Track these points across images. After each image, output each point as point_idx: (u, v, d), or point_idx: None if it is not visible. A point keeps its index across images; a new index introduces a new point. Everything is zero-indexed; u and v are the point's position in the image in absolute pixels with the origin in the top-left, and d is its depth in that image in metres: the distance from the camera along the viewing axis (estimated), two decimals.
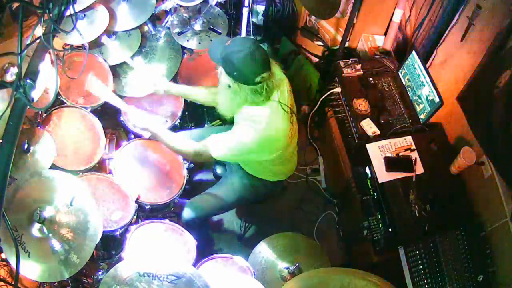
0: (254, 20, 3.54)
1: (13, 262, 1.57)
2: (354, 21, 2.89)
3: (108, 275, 1.75)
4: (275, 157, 2.06)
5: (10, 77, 1.74)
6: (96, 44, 2.45)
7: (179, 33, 2.58)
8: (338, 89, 2.82)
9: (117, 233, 2.12)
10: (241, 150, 1.98)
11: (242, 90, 1.87)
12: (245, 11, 3.16)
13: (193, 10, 2.67)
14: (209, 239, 2.80)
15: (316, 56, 3.42)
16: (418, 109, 2.60)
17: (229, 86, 1.90)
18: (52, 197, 1.79)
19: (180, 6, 2.62)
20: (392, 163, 2.37)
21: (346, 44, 2.95)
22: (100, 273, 2.06)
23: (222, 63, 1.87)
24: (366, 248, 2.48)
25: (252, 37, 1.94)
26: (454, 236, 2.24)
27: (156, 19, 2.76)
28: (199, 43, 2.58)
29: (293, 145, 2.20)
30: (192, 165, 2.46)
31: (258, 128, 1.94)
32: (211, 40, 2.60)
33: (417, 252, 2.21)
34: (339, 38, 3.06)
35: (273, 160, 2.09)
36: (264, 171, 2.25)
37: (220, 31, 2.65)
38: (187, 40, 2.58)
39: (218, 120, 2.85)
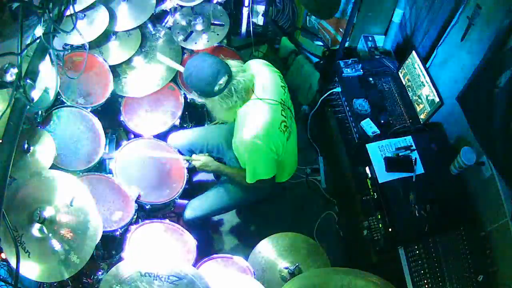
0: (254, 20, 3.54)
1: (13, 262, 1.57)
2: (354, 21, 2.88)
3: (109, 274, 1.75)
4: (282, 151, 2.09)
5: (10, 77, 1.74)
6: (96, 44, 2.45)
7: (185, 39, 2.57)
8: (338, 89, 2.83)
9: (117, 233, 2.12)
10: (255, 155, 2.02)
11: (214, 101, 2.00)
12: (245, 11, 3.16)
13: (191, 12, 2.66)
14: (209, 239, 2.80)
15: (316, 56, 3.42)
16: (418, 109, 2.60)
17: (206, 103, 2.06)
18: (52, 197, 1.79)
19: (181, 6, 2.62)
20: (392, 163, 2.37)
21: (346, 44, 2.95)
22: (100, 273, 2.06)
23: (191, 88, 2.04)
24: (366, 248, 2.48)
25: (200, 53, 2.05)
26: (454, 236, 2.24)
27: (156, 19, 2.76)
28: (208, 41, 2.59)
29: (292, 140, 2.20)
30: (192, 165, 2.45)
31: (249, 129, 1.98)
32: (218, 34, 2.62)
33: (417, 252, 2.21)
34: (339, 38, 3.06)
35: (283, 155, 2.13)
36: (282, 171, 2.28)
37: (223, 23, 2.64)
38: (195, 43, 2.58)
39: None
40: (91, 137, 2.33)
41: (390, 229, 2.28)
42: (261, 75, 2.10)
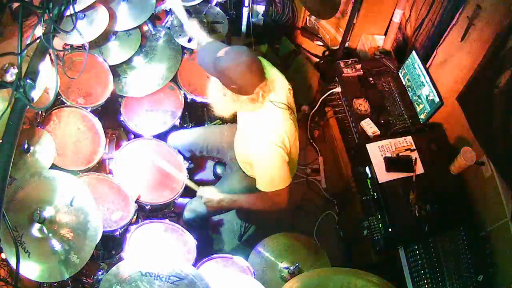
0: (254, 20, 3.53)
1: (13, 262, 1.57)
2: (354, 21, 2.89)
3: (110, 273, 1.74)
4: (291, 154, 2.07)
5: (10, 77, 1.74)
6: (96, 44, 2.45)
7: (189, 41, 2.57)
8: (338, 89, 2.83)
9: (117, 233, 2.12)
10: (272, 161, 1.97)
11: (240, 99, 1.88)
12: (245, 11, 3.16)
13: (191, 12, 2.66)
14: (209, 239, 2.80)
15: (316, 56, 3.42)
16: (418, 109, 2.60)
17: (225, 95, 1.90)
18: (52, 197, 1.79)
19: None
20: (392, 163, 2.38)
21: (346, 44, 2.96)
22: (100, 273, 2.06)
23: (218, 75, 1.86)
24: (366, 248, 2.48)
25: (244, 46, 1.89)
26: (454, 236, 2.24)
27: (156, 19, 2.76)
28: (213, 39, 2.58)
29: (295, 142, 2.20)
30: (192, 165, 2.46)
31: (265, 135, 1.95)
32: (219, 32, 2.59)
33: (417, 252, 2.22)
34: (339, 38, 3.06)
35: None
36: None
37: (222, 21, 2.64)
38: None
39: (219, 120, 2.85)
40: (91, 137, 2.33)
41: (390, 229, 2.28)
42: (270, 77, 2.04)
